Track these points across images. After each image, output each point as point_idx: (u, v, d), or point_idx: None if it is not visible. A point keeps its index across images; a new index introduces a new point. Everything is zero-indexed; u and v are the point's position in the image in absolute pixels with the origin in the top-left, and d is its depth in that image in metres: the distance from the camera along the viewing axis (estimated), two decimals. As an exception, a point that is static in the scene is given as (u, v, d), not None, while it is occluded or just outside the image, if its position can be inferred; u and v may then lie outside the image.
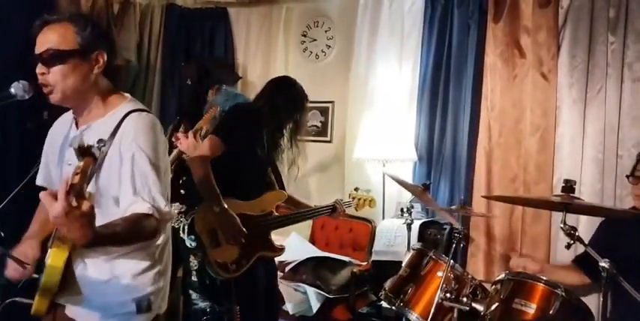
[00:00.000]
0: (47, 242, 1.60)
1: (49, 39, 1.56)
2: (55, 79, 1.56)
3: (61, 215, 1.17)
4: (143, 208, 1.48)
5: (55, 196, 1.17)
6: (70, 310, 1.62)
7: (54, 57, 1.55)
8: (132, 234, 1.47)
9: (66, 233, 1.24)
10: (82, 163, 1.22)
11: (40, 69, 1.57)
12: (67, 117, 1.75)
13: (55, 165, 1.72)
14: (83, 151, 1.23)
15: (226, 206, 2.44)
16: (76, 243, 1.30)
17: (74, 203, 1.17)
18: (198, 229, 2.45)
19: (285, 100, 2.67)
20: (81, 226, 1.21)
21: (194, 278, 2.60)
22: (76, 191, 1.18)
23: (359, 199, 3.07)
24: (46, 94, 1.60)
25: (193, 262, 2.59)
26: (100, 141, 1.44)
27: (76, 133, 1.64)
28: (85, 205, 1.20)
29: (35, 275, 1.57)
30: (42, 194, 1.20)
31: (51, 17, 1.60)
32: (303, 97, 2.75)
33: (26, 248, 1.65)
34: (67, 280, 1.53)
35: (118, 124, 1.57)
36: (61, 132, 1.73)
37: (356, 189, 3.13)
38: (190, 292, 2.64)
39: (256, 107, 2.67)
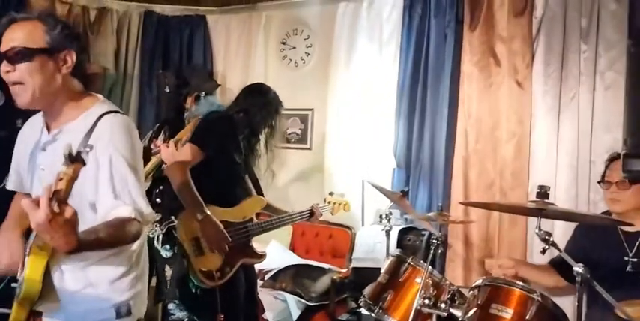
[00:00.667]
0: (27, 234, 1.57)
1: (16, 37, 1.50)
2: (21, 76, 1.50)
3: (44, 223, 1.13)
4: (125, 212, 1.45)
5: (37, 203, 1.14)
6: (47, 319, 1.58)
7: (20, 55, 1.49)
8: (115, 239, 1.43)
9: (49, 241, 1.21)
10: (70, 170, 1.17)
11: (5, 67, 1.51)
12: (37, 120, 1.67)
13: (26, 170, 1.66)
14: (73, 159, 1.18)
15: (209, 213, 2.43)
16: (60, 250, 1.26)
17: (56, 209, 1.14)
18: (181, 237, 2.43)
19: (259, 105, 2.71)
20: (64, 233, 1.18)
21: (169, 288, 2.57)
22: (59, 198, 1.15)
23: (334, 203, 3.12)
24: (14, 98, 1.54)
25: (168, 272, 2.56)
26: (87, 146, 1.41)
27: (49, 138, 1.59)
28: (69, 212, 1.16)
29: (14, 284, 1.54)
30: (24, 202, 1.17)
31: (19, 15, 1.54)
32: (277, 103, 2.79)
33: (5, 245, 1.62)
34: (45, 288, 1.49)
35: (92, 126, 1.52)
36: (31, 136, 1.66)
37: (331, 193, 3.22)
38: (167, 302, 2.60)
39: (229, 114, 2.69)
